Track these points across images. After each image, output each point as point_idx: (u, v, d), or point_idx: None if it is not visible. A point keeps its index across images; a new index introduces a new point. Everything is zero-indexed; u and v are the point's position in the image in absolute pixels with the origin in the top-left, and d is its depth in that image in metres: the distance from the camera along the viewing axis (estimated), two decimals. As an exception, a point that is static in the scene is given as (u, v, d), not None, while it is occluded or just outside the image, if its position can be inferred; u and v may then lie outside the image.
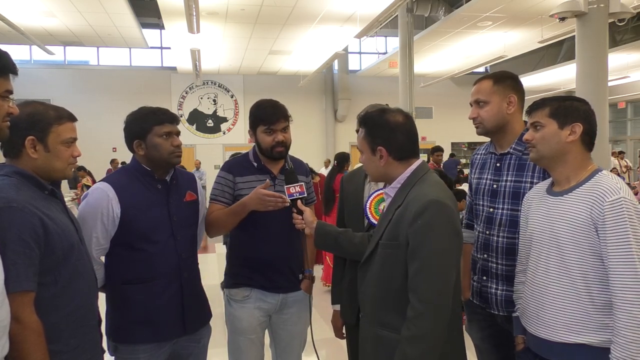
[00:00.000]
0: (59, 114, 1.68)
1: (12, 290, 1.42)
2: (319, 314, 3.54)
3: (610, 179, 1.63)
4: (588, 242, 1.59)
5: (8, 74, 1.39)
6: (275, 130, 2.27)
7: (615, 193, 1.57)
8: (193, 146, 15.54)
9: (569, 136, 1.70)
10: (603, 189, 1.59)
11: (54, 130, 1.64)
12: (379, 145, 1.74)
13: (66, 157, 1.68)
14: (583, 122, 1.70)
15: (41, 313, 1.50)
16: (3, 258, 1.41)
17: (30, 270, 1.48)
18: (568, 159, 1.71)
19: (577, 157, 1.71)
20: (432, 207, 1.60)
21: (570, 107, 1.72)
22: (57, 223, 1.59)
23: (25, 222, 1.48)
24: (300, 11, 9.27)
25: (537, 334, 1.72)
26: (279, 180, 2.33)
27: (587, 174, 1.68)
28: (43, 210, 1.55)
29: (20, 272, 1.45)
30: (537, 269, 1.74)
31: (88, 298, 1.71)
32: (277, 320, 2.42)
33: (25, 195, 1.54)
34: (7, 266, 1.43)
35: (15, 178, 1.57)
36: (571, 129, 1.69)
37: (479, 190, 2.15)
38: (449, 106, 16.36)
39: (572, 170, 1.71)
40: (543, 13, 8.98)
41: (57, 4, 9.31)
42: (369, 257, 1.79)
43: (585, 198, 1.62)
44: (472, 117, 2.10)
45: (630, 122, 17.25)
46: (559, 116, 1.71)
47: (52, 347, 1.52)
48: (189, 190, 2.23)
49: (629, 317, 1.49)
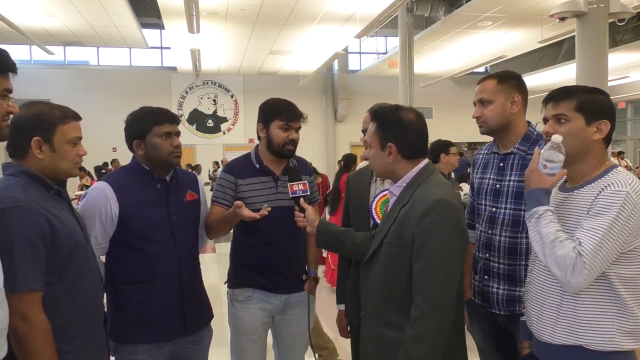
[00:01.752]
0: (63, 113, 1.68)
1: (19, 289, 1.43)
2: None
3: (624, 175, 1.56)
4: None
5: (7, 72, 1.39)
6: (292, 127, 2.30)
7: (621, 185, 1.50)
8: (193, 146, 15.53)
9: (596, 134, 1.61)
10: (612, 180, 1.53)
11: (59, 130, 1.65)
12: (390, 141, 1.73)
13: (72, 156, 1.69)
14: (609, 119, 1.62)
15: (46, 312, 1.51)
16: (10, 257, 1.42)
17: (37, 269, 1.48)
18: (589, 157, 1.63)
19: (598, 155, 1.63)
20: (439, 206, 1.60)
21: (598, 102, 1.63)
22: (64, 222, 1.59)
23: (32, 221, 1.49)
24: (300, 11, 9.26)
25: (539, 337, 1.67)
26: (281, 182, 2.33)
27: (602, 171, 1.61)
28: (50, 209, 1.56)
29: (28, 272, 1.46)
30: (538, 270, 1.68)
31: (93, 297, 1.71)
32: (280, 321, 2.41)
33: (32, 195, 1.54)
34: (15, 265, 1.44)
35: (21, 178, 1.58)
36: (597, 126, 1.61)
37: (481, 190, 2.15)
38: (449, 106, 16.34)
39: (590, 167, 1.63)
40: (543, 13, 8.97)
41: (57, 4, 9.31)
42: (372, 256, 1.78)
43: (593, 192, 1.56)
44: (476, 116, 2.10)
45: (630, 122, 17.26)
46: (585, 111, 1.60)
47: (56, 346, 1.52)
48: (190, 189, 2.22)
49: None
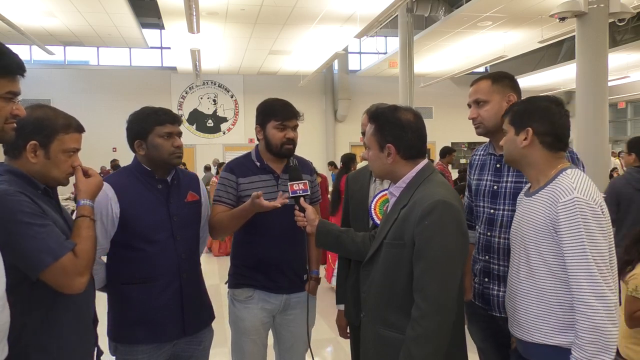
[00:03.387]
0: (67, 122, 1.66)
1: (62, 253, 1.48)
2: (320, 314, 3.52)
3: (568, 178, 1.61)
4: (548, 244, 1.60)
5: (13, 75, 1.35)
6: (287, 126, 2.30)
7: (568, 193, 1.56)
8: (193, 146, 15.54)
9: (523, 141, 1.70)
10: (558, 189, 1.59)
11: (59, 138, 1.62)
12: (389, 142, 1.73)
13: (65, 167, 1.66)
14: (537, 125, 1.68)
15: (35, 310, 1.51)
16: (21, 242, 1.42)
17: (59, 236, 1.51)
18: (530, 162, 1.71)
19: (539, 159, 1.70)
20: (439, 207, 1.60)
21: (525, 111, 1.71)
22: (51, 216, 1.57)
23: (23, 202, 1.47)
24: (300, 11, 9.27)
25: (514, 334, 1.75)
26: (282, 180, 2.33)
27: (553, 174, 1.67)
28: (37, 201, 1.54)
29: (50, 242, 1.47)
30: (512, 271, 1.77)
31: (81, 297, 1.67)
32: (280, 321, 2.42)
33: (18, 187, 1.52)
34: (32, 245, 1.44)
35: (7, 176, 1.55)
36: (525, 133, 1.69)
37: (479, 192, 2.14)
38: (449, 106, 16.35)
39: (539, 171, 1.70)
40: (543, 13, 8.98)
41: (57, 4, 9.31)
42: (372, 257, 1.78)
43: (544, 199, 1.63)
44: (472, 118, 2.10)
45: (630, 122, 17.26)
46: (515, 122, 1.73)
47: (46, 344, 1.52)
48: (191, 190, 2.22)
49: (585, 319, 1.50)
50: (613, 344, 1.49)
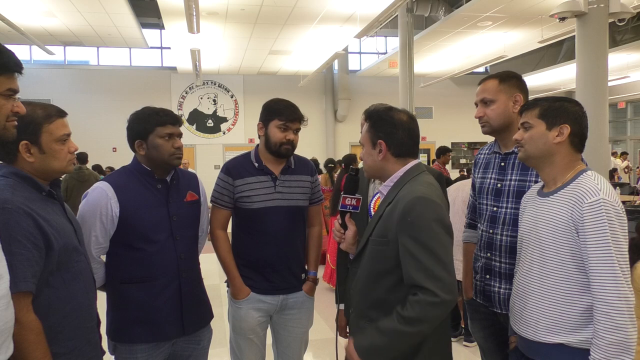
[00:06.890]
0: (47, 112, 1.64)
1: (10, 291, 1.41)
2: (319, 314, 3.54)
3: (592, 179, 1.63)
4: (568, 244, 1.60)
5: (11, 72, 1.36)
6: (290, 128, 2.31)
7: (594, 194, 1.57)
8: (193, 146, 15.53)
9: (557, 137, 1.70)
10: (583, 190, 1.60)
11: (45, 130, 1.61)
12: (380, 139, 1.76)
13: (63, 154, 1.66)
14: (572, 124, 1.70)
15: (39, 314, 1.49)
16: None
17: (27, 271, 1.46)
18: (555, 160, 1.72)
19: (565, 158, 1.71)
20: (419, 203, 1.61)
21: (560, 108, 1.72)
22: (52, 225, 1.56)
23: (20, 223, 1.47)
24: (300, 11, 9.27)
25: (520, 333, 1.75)
26: (279, 181, 2.34)
27: (572, 175, 1.69)
28: (38, 211, 1.53)
29: (17, 274, 1.43)
30: (522, 270, 1.77)
31: (85, 300, 1.70)
32: (278, 321, 2.43)
33: (21, 197, 1.52)
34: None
35: (12, 179, 1.55)
36: (559, 130, 1.70)
37: (482, 190, 2.16)
38: (449, 106, 16.35)
39: (558, 171, 1.72)
40: (543, 13, 8.98)
41: (57, 4, 9.31)
42: (359, 253, 1.80)
43: (566, 199, 1.63)
44: (479, 116, 2.11)
45: (630, 122, 17.25)
46: (547, 117, 1.72)
47: (50, 348, 1.51)
48: (191, 190, 2.23)
49: (608, 319, 1.50)
50: (633, 345, 1.49)
